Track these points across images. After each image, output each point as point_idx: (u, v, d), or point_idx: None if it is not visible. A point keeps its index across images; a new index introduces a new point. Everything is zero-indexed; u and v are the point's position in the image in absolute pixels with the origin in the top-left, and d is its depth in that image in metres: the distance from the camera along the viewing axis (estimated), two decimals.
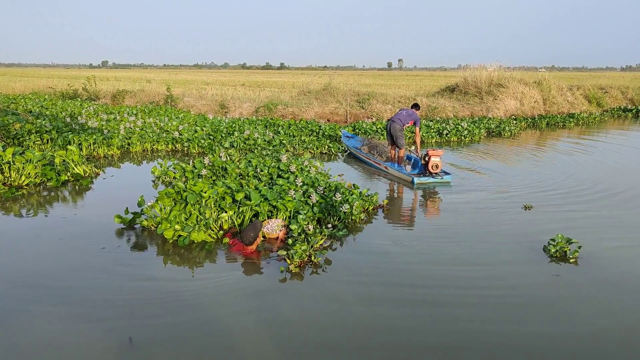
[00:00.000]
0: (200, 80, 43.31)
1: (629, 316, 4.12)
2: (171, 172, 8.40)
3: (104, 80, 35.63)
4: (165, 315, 4.03)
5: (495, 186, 8.61)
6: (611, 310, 4.20)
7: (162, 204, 5.90)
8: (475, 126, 15.72)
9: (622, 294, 4.51)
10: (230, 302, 4.28)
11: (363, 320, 3.99)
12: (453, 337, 3.78)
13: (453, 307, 4.23)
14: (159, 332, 3.79)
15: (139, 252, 5.43)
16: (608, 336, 3.80)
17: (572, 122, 19.19)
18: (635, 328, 3.93)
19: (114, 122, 13.54)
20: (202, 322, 3.93)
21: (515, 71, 23.51)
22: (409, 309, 4.18)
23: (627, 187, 8.52)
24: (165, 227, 5.57)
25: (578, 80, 34.36)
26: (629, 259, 5.33)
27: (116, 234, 5.92)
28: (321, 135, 13.63)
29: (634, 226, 6.45)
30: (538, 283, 4.72)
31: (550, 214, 6.94)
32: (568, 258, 5.21)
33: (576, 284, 4.71)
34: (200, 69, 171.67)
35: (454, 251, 5.48)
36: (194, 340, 3.68)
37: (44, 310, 4.10)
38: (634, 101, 27.24)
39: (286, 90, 27.33)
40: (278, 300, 4.33)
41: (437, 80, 36.09)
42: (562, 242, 5.24)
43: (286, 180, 7.32)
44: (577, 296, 4.46)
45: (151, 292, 4.45)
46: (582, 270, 5.00)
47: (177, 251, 5.44)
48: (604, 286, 4.67)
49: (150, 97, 21.55)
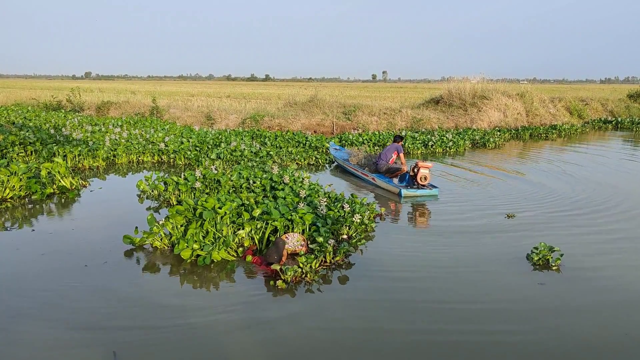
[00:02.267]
0: (185, 91, 43.23)
1: (609, 321, 4.22)
2: (160, 185, 8.16)
3: (88, 92, 35.35)
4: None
5: (480, 196, 8.75)
6: (592, 316, 4.30)
7: (174, 222, 5.64)
8: (460, 137, 15.94)
9: (602, 300, 4.61)
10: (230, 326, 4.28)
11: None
12: (445, 345, 3.83)
13: (440, 313, 4.29)
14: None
15: (151, 272, 5.23)
16: (589, 341, 3.88)
17: (555, 134, 19.55)
18: (615, 332, 4.02)
19: (99, 133, 13.47)
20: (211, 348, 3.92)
21: (498, 83, 23.93)
22: (393, 311, 4.23)
23: (607, 197, 8.73)
24: (183, 247, 5.31)
25: (559, 92, 35.01)
26: (608, 265, 5.46)
27: (125, 255, 5.59)
28: (308, 146, 13.71)
29: (613, 234, 6.60)
30: (522, 290, 4.81)
31: (532, 222, 7.07)
32: (550, 265, 5.33)
33: (558, 290, 4.81)
34: (184, 80, 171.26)
35: (441, 259, 5.56)
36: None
37: (20, 330, 4.00)
38: (613, 113, 27.83)
39: (272, 101, 27.42)
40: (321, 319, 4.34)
41: (422, 92, 36.51)
42: (545, 250, 5.35)
43: (283, 191, 7.25)
44: (559, 302, 4.55)
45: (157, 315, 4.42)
46: (564, 278, 5.10)
47: (197, 271, 5.22)
48: (585, 292, 4.78)
49: (135, 109, 21.47)
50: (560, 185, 9.67)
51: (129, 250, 5.67)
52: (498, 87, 22.96)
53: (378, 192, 9.11)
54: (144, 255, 5.59)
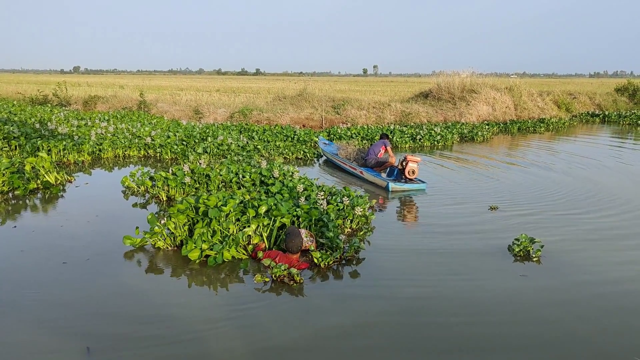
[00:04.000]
0: (175, 85, 42.93)
1: (589, 313, 4.26)
2: (148, 181, 8.01)
3: (75, 86, 35.05)
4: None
5: (466, 189, 8.80)
6: (570, 306, 4.34)
7: (176, 222, 5.47)
8: (448, 131, 15.98)
9: (580, 290, 4.66)
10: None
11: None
12: (430, 339, 3.85)
13: (423, 301, 4.31)
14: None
15: (155, 274, 5.18)
16: (569, 331, 3.93)
17: (543, 127, 19.66)
18: (595, 322, 4.07)
19: (85, 128, 13.35)
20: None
21: (487, 77, 24.05)
22: (378, 303, 4.25)
23: (589, 191, 8.82)
24: (191, 248, 5.13)
25: (548, 86, 35.27)
26: (588, 257, 5.52)
27: (125, 257, 5.38)
28: (296, 140, 13.68)
29: (593, 226, 6.66)
30: (504, 282, 4.84)
31: (515, 215, 7.13)
32: (531, 257, 5.37)
33: (538, 281, 4.86)
34: (174, 74, 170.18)
35: (423, 251, 5.58)
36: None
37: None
38: (601, 106, 28.06)
39: (261, 95, 27.31)
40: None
41: (412, 87, 36.58)
42: (526, 242, 5.39)
43: (274, 186, 7.17)
44: (539, 293, 4.59)
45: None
46: (544, 269, 5.15)
47: (186, 268, 5.18)
48: (564, 283, 4.82)
49: (123, 103, 21.29)
50: (545, 178, 9.74)
51: (129, 252, 5.46)
52: (487, 81, 23.07)
53: (366, 187, 9.10)
54: (132, 253, 5.49)
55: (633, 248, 5.85)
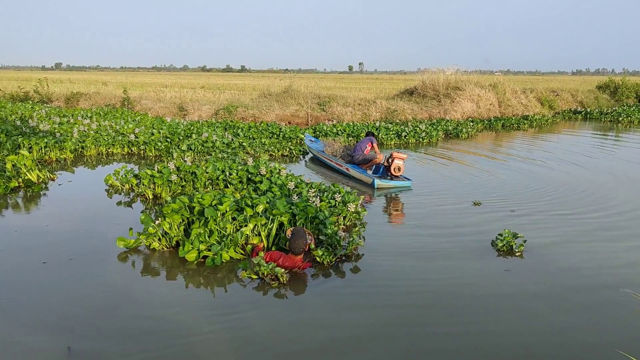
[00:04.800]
0: (159, 82, 42.52)
1: (570, 307, 4.33)
2: (133, 179, 7.90)
3: (57, 83, 34.51)
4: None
5: (451, 185, 8.88)
6: (552, 300, 4.41)
7: (171, 221, 5.30)
8: (433, 128, 16.07)
9: (561, 284, 4.73)
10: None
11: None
12: (415, 333, 3.88)
13: (408, 297, 4.34)
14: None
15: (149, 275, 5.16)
16: (552, 328, 3.98)
17: (526, 124, 19.87)
18: (570, 313, 4.14)
19: (67, 125, 13.15)
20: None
21: (471, 75, 24.20)
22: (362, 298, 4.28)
23: (571, 186, 8.96)
24: (188, 249, 4.96)
25: (531, 83, 35.64)
26: (569, 251, 5.60)
27: (111, 257, 5.25)
28: (282, 137, 13.65)
29: (574, 221, 6.76)
30: (488, 277, 4.90)
31: (498, 209, 7.22)
32: (514, 251, 5.44)
33: (521, 275, 4.92)
34: (159, 71, 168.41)
35: (409, 247, 5.61)
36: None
37: None
38: (583, 104, 28.43)
39: (247, 92, 27.19)
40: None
41: (397, 84, 36.68)
42: (509, 237, 5.46)
43: (262, 184, 7.09)
44: (522, 287, 4.65)
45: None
46: (527, 264, 5.21)
47: (169, 266, 5.15)
48: (546, 277, 4.89)
49: (106, 100, 21.05)
50: (528, 175, 9.87)
51: (121, 253, 5.31)
52: (471, 79, 23.23)
53: (352, 184, 9.10)
54: (121, 254, 5.38)
55: (612, 240, 5.96)
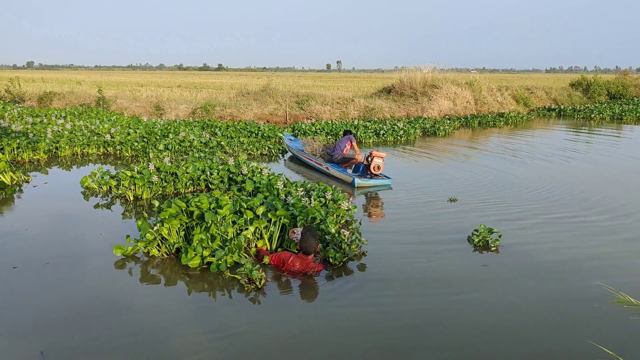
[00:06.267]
0: (135, 81, 41.91)
1: (542, 298, 4.44)
2: (111, 181, 7.69)
3: (30, 82, 33.70)
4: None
5: (429, 182, 9.00)
6: (527, 294, 4.51)
7: (170, 227, 5.09)
8: (410, 126, 16.21)
9: (536, 278, 4.84)
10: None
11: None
12: (399, 332, 3.92)
13: (388, 299, 4.39)
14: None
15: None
16: (521, 316, 4.07)
17: (502, 121, 20.18)
18: (546, 307, 4.24)
19: (41, 125, 12.87)
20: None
21: (448, 73, 24.47)
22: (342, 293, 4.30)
23: (544, 182, 9.15)
24: (192, 256, 4.77)
25: (507, 81, 36.21)
26: (543, 246, 5.73)
27: (115, 266, 5.02)
28: (260, 136, 13.60)
29: (547, 215, 6.93)
30: (467, 271, 4.99)
31: (473, 205, 7.36)
32: (490, 246, 5.54)
33: (497, 269, 5.02)
34: (134, 70, 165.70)
35: (388, 245, 5.67)
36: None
37: None
38: (557, 101, 29.04)
39: (224, 91, 27.00)
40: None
41: (375, 82, 36.89)
42: (485, 232, 5.55)
43: (245, 183, 7.02)
44: (497, 280, 4.75)
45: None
46: (503, 258, 5.32)
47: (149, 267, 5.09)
48: (521, 270, 5.00)
49: (80, 99, 20.65)
50: (503, 171, 10.05)
51: (118, 261, 5.11)
52: (448, 77, 23.48)
53: (332, 183, 9.11)
54: (97, 256, 5.28)
55: (585, 234, 6.12)
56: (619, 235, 6.14)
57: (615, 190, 8.49)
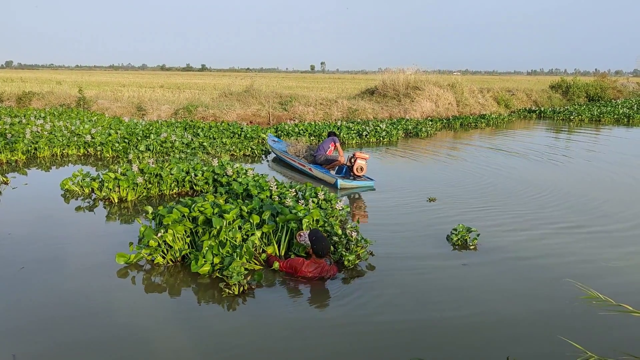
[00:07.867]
0: (116, 82, 41.46)
1: (516, 295, 4.54)
2: (94, 183, 7.59)
3: (8, 82, 33.20)
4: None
5: (410, 183, 9.08)
6: (502, 291, 4.60)
7: (174, 233, 4.96)
8: (393, 127, 16.32)
9: (512, 276, 4.94)
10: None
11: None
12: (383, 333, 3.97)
13: (369, 300, 4.44)
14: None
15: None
16: (500, 313, 4.16)
17: (484, 123, 20.43)
18: (519, 304, 4.33)
19: (19, 125, 12.68)
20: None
21: (431, 74, 24.70)
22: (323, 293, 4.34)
23: (522, 184, 9.32)
24: (202, 264, 4.62)
25: (488, 83, 36.59)
26: (520, 245, 5.84)
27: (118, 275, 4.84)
28: (243, 137, 13.58)
29: (522, 215, 7.06)
30: (444, 268, 5.08)
31: (452, 205, 7.48)
32: (468, 245, 5.63)
33: (476, 267, 5.12)
34: (116, 70, 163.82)
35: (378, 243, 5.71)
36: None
37: None
38: (537, 103, 29.50)
39: (207, 92, 26.86)
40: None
41: (358, 83, 37.00)
42: (463, 231, 5.64)
43: (234, 184, 6.96)
44: (475, 279, 4.83)
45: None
46: (481, 257, 5.41)
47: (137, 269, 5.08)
48: (498, 268, 5.11)
49: (60, 100, 20.40)
50: (483, 170, 10.20)
51: (122, 269, 4.94)
52: (430, 78, 23.69)
53: (315, 184, 9.10)
54: (76, 261, 5.22)
55: (558, 232, 6.25)
56: (592, 232, 6.30)
57: (593, 190, 8.69)
